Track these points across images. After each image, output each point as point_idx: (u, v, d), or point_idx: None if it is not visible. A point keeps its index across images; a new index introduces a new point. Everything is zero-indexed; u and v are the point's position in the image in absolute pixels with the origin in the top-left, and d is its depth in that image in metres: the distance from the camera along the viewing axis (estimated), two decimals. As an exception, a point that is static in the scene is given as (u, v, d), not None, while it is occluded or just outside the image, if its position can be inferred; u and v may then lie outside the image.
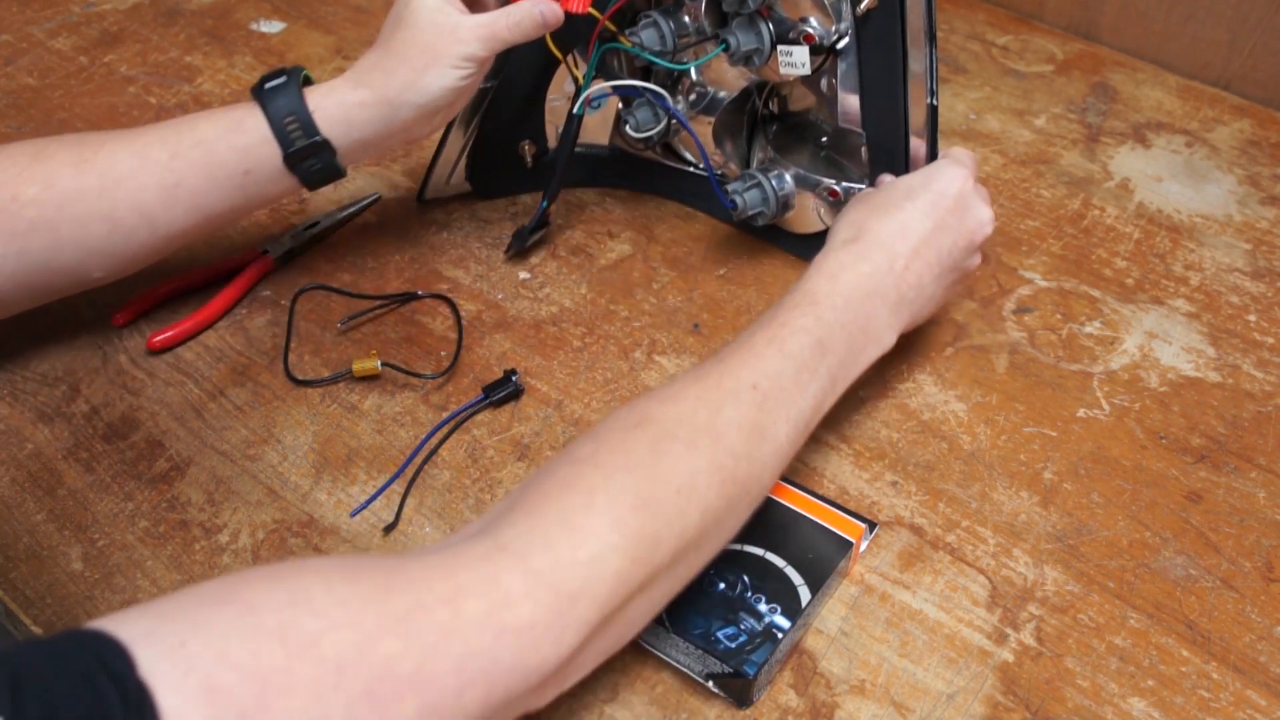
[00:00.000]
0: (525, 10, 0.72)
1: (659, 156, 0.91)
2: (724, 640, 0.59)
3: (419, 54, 0.71)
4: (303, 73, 0.73)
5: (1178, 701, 0.61)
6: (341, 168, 0.73)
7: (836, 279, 0.66)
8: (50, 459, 0.71)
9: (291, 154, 0.70)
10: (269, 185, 0.72)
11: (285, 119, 0.70)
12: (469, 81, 0.72)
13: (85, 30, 1.09)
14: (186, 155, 0.69)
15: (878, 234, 0.68)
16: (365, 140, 0.72)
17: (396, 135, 0.73)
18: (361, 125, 0.72)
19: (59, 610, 0.63)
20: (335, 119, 0.71)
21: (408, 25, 0.71)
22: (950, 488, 0.72)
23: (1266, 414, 0.77)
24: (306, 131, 0.70)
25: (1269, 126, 1.04)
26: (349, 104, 0.71)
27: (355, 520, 0.68)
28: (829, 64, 0.78)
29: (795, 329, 0.62)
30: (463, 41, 0.71)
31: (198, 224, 0.72)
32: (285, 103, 0.70)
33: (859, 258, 0.67)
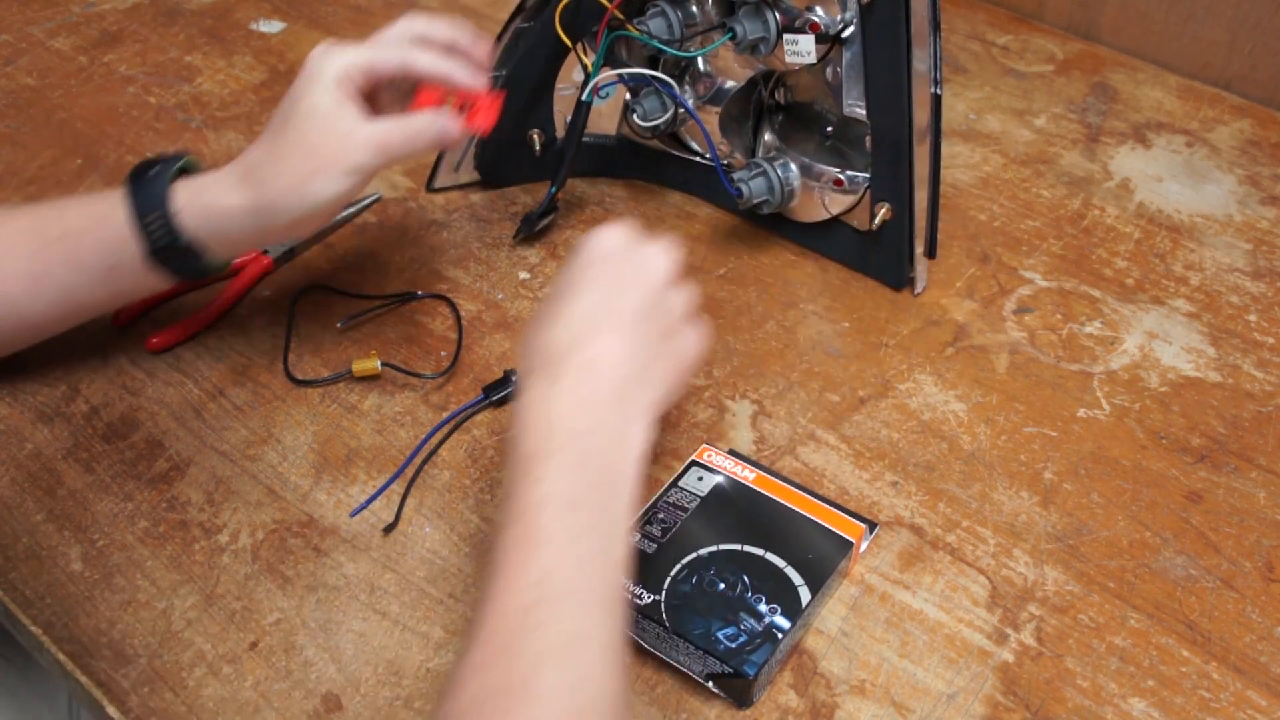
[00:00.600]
0: (424, 123, 0.68)
1: (666, 146, 0.92)
2: (724, 640, 0.59)
3: (305, 158, 0.65)
4: (180, 163, 0.68)
5: (1178, 702, 0.61)
6: (215, 265, 0.69)
7: (546, 418, 0.56)
8: (50, 459, 0.71)
9: (154, 252, 0.66)
10: (137, 280, 0.68)
11: (149, 216, 0.65)
12: (356, 193, 0.67)
13: (85, 30, 1.09)
14: (52, 247, 0.67)
15: (553, 341, 0.59)
16: (236, 241, 0.68)
17: (272, 237, 0.69)
18: (231, 229, 0.67)
19: (59, 610, 0.63)
20: (202, 220, 0.66)
21: (299, 123, 0.66)
22: (950, 488, 0.72)
23: (1266, 414, 0.77)
24: (169, 231, 0.66)
25: (1269, 126, 1.04)
26: (218, 207, 0.66)
27: (355, 520, 0.68)
28: (834, 53, 0.79)
29: (536, 506, 0.53)
30: (355, 149, 0.66)
31: (66, 315, 0.70)
32: (150, 199, 0.66)
33: (550, 380, 0.57)
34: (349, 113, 0.66)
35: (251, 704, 0.59)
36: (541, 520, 0.52)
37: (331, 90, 0.66)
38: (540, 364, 0.58)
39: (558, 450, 0.55)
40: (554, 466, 0.54)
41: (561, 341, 0.59)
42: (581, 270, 0.62)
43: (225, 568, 0.66)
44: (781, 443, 0.74)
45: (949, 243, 0.89)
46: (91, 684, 0.60)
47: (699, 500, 0.66)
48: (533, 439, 0.55)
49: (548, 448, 0.55)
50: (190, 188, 0.67)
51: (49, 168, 0.92)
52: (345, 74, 0.67)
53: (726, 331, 0.81)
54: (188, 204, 0.66)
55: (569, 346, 0.59)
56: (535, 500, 0.53)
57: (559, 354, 0.58)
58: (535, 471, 0.54)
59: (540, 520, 0.52)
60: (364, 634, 0.62)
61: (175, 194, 0.66)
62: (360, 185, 0.67)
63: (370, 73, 0.68)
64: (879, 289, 0.85)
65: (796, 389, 0.77)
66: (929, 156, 0.80)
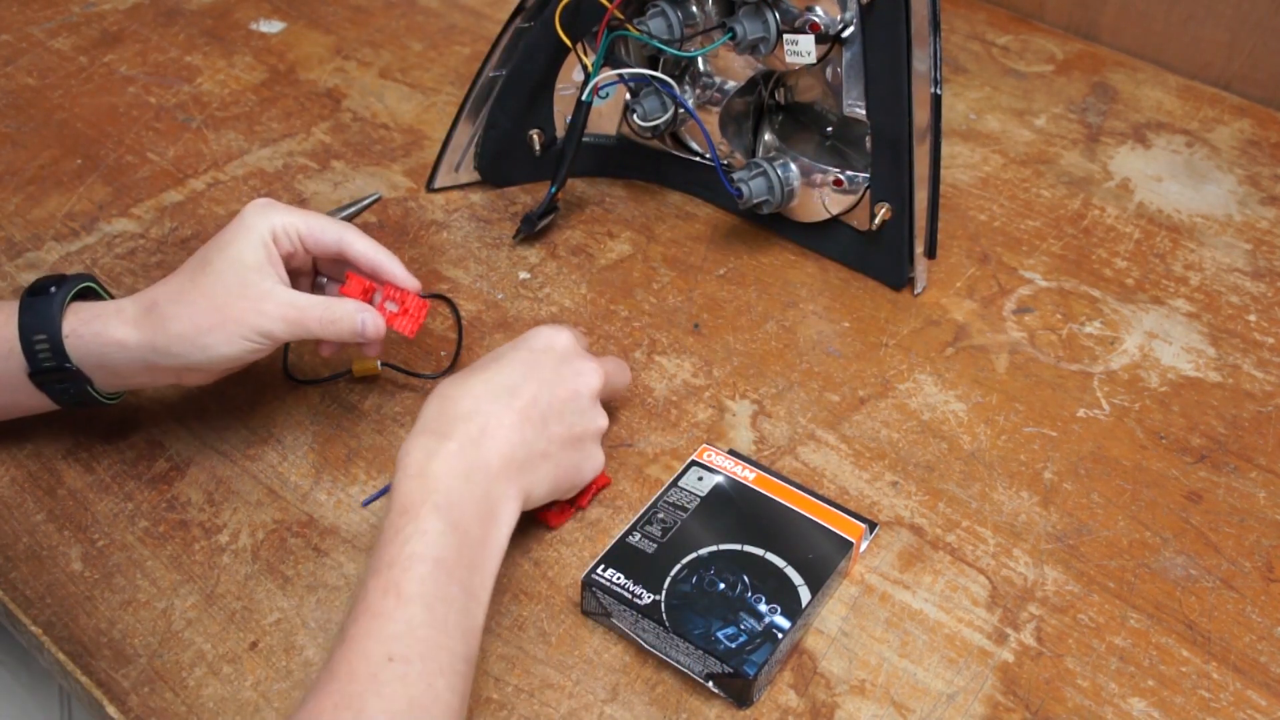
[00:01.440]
0: (347, 312, 0.65)
1: (666, 146, 0.92)
2: (724, 640, 0.59)
3: (212, 309, 0.62)
4: (79, 285, 0.65)
5: (1178, 701, 0.61)
6: (103, 397, 0.66)
7: (425, 474, 0.57)
8: (50, 459, 0.71)
9: (37, 374, 0.63)
10: (22, 397, 0.65)
11: (35, 336, 0.62)
12: (255, 356, 0.65)
13: (85, 30, 1.09)
14: None
15: (459, 404, 0.60)
16: (124, 375, 0.65)
17: (161, 378, 0.66)
18: (119, 363, 0.64)
19: (59, 610, 0.63)
20: (89, 351, 0.63)
21: (216, 270, 0.63)
22: (950, 488, 0.72)
23: (1266, 414, 0.77)
24: (56, 355, 0.63)
25: (1269, 126, 1.04)
26: (106, 339, 0.63)
27: (355, 520, 0.68)
28: (834, 53, 0.79)
29: (406, 561, 0.54)
30: (265, 315, 0.63)
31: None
32: (40, 319, 0.63)
33: (442, 437, 0.58)
34: (269, 276, 0.64)
35: (251, 704, 0.59)
36: (409, 577, 0.53)
37: (258, 247, 0.64)
38: (434, 420, 0.59)
39: (433, 510, 0.55)
40: (427, 525, 0.55)
41: (462, 406, 0.60)
42: (513, 351, 0.64)
43: (225, 568, 0.66)
44: (781, 443, 0.74)
45: (949, 243, 0.89)
46: (91, 684, 0.60)
47: (699, 500, 0.66)
48: (409, 491, 0.56)
49: (422, 505, 0.55)
50: (83, 313, 0.64)
51: (49, 168, 0.92)
52: (277, 234, 0.65)
53: (726, 331, 0.81)
54: (76, 330, 0.63)
55: (468, 412, 0.59)
56: (405, 555, 0.54)
57: (455, 416, 0.59)
58: (408, 527, 0.55)
59: (407, 577, 0.53)
60: (364, 634, 0.62)
61: (68, 317, 0.63)
62: (262, 352, 0.64)
63: (305, 239, 0.66)
64: (879, 289, 0.85)
65: (796, 389, 0.77)
66: (929, 156, 0.80)
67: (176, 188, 0.91)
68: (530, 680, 0.61)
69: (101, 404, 0.67)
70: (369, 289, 0.68)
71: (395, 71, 1.06)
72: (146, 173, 0.92)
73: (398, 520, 0.55)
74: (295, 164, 0.94)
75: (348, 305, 0.65)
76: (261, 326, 0.63)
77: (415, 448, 0.58)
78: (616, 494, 0.70)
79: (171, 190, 0.91)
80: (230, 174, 0.93)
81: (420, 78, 1.05)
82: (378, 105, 1.01)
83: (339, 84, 1.04)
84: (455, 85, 1.04)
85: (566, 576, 0.65)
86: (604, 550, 0.64)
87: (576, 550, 0.67)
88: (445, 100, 1.02)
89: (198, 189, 0.91)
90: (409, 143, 0.97)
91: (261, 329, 0.63)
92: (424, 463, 0.57)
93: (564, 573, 0.66)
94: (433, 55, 1.08)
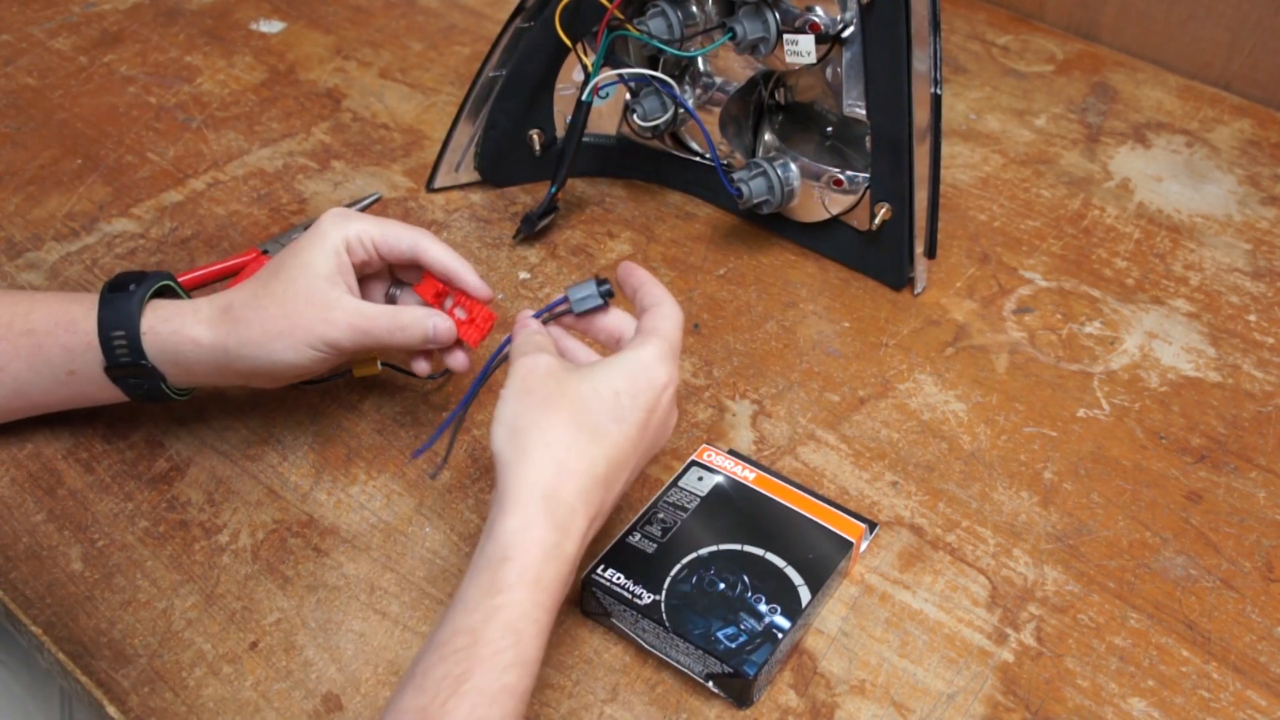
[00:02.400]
0: (416, 318, 0.65)
1: (666, 146, 0.92)
2: (724, 640, 0.59)
3: (279, 317, 0.63)
4: (160, 283, 0.66)
5: (1178, 701, 0.61)
6: (174, 393, 0.67)
7: (540, 582, 0.53)
8: (50, 459, 0.71)
9: (113, 367, 0.65)
10: (96, 389, 0.66)
11: (114, 333, 0.63)
12: (322, 366, 0.65)
13: (85, 30, 1.09)
14: (15, 342, 0.65)
15: (580, 487, 0.55)
16: (196, 374, 0.66)
17: (233, 380, 0.67)
18: (192, 361, 0.64)
19: (59, 610, 0.63)
20: (164, 348, 0.64)
21: (289, 277, 0.64)
22: (950, 488, 0.72)
23: (1266, 414, 0.77)
24: (133, 352, 0.64)
25: (1269, 126, 1.04)
26: (182, 338, 0.64)
27: (355, 520, 0.68)
28: (834, 53, 0.79)
29: (498, 696, 0.50)
30: (332, 325, 0.63)
31: (23, 408, 0.68)
32: (119, 315, 0.64)
33: (562, 534, 0.54)
34: (338, 285, 0.64)
35: (251, 704, 0.59)
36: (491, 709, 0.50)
37: (329, 256, 0.64)
38: (554, 495, 0.54)
39: (535, 624, 0.52)
40: (527, 649, 0.52)
41: (584, 486, 0.55)
42: (636, 407, 0.57)
43: (225, 568, 0.66)
44: (781, 443, 0.74)
45: (949, 243, 0.89)
46: (91, 684, 0.60)
47: (699, 500, 0.66)
48: (522, 603, 0.52)
49: (531, 617, 0.52)
50: (161, 311, 0.64)
51: (49, 168, 0.92)
52: (350, 243, 0.65)
53: (726, 331, 0.81)
54: (151, 329, 0.64)
55: (590, 497, 0.55)
56: (496, 686, 0.50)
57: (581, 501, 0.55)
58: (509, 645, 0.51)
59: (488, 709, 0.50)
60: (364, 634, 0.62)
61: (146, 315, 0.64)
62: (329, 362, 0.65)
63: (379, 247, 0.66)
64: (879, 289, 0.85)
65: (796, 389, 0.77)
66: (929, 156, 0.80)
67: (176, 188, 0.91)
68: (530, 680, 0.61)
69: (172, 399, 0.67)
70: (441, 292, 0.68)
71: (395, 71, 1.06)
72: (146, 173, 0.92)
73: (500, 636, 0.51)
74: (295, 164, 0.94)
75: (417, 312, 0.65)
76: (328, 336, 0.63)
77: (534, 534, 0.53)
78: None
79: (171, 190, 0.91)
80: (230, 174, 0.93)
81: (420, 78, 1.05)
82: (378, 105, 1.01)
83: (339, 84, 1.04)
84: (455, 85, 1.04)
85: (566, 576, 0.65)
86: (604, 550, 0.64)
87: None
88: (445, 100, 1.02)
89: (198, 189, 0.91)
90: (409, 143, 0.97)
91: (328, 338, 0.63)
92: (540, 567, 0.53)
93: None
94: (433, 55, 1.08)
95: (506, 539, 0.53)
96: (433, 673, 0.50)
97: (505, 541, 0.53)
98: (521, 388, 0.57)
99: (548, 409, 0.56)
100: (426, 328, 0.65)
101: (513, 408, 0.56)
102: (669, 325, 0.60)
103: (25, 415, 0.70)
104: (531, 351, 0.59)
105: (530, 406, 0.56)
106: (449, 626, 0.52)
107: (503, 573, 0.52)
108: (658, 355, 0.59)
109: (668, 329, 0.60)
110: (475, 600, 0.52)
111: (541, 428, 0.55)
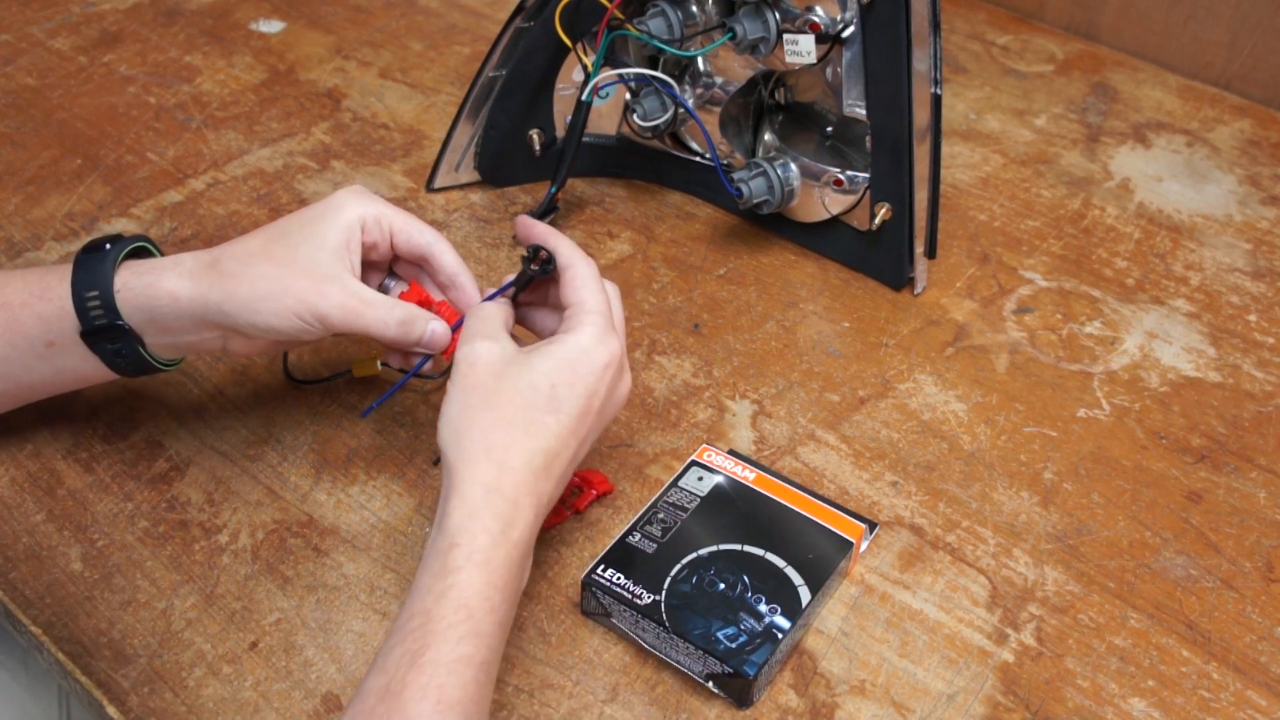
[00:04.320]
0: (417, 316, 0.63)
1: (666, 146, 0.92)
2: (724, 640, 0.59)
3: (272, 278, 0.60)
4: (134, 244, 0.64)
5: (1178, 702, 0.61)
6: (155, 360, 0.64)
7: (489, 564, 0.54)
8: (50, 459, 0.71)
9: (89, 332, 0.62)
10: (78, 363, 0.64)
11: (88, 293, 0.61)
12: (302, 338, 0.62)
13: (85, 30, 1.09)
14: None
15: (519, 481, 0.56)
16: (172, 333, 0.63)
17: (208, 342, 0.64)
18: (166, 317, 0.62)
19: (59, 610, 0.63)
20: (139, 305, 0.61)
21: (291, 243, 0.62)
22: (950, 488, 0.72)
23: (1266, 414, 0.77)
24: (108, 312, 0.61)
25: (1269, 126, 1.04)
26: (157, 290, 0.61)
27: (355, 520, 0.68)
28: (834, 53, 0.79)
29: (454, 666, 0.51)
30: (325, 298, 0.60)
31: (8, 390, 0.66)
32: (93, 276, 0.61)
33: (507, 523, 0.55)
34: (342, 262, 0.62)
35: (251, 704, 0.59)
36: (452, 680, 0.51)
37: (341, 230, 0.62)
38: (495, 487, 0.56)
39: (490, 610, 0.53)
40: (482, 624, 0.53)
41: (526, 479, 0.56)
42: (575, 395, 0.58)
43: (225, 568, 0.65)
44: (781, 443, 0.74)
45: (949, 243, 0.89)
46: (91, 684, 0.60)
47: (699, 500, 0.66)
48: (471, 583, 0.53)
49: (485, 603, 0.53)
50: (137, 268, 0.62)
51: (49, 168, 0.92)
52: (367, 222, 0.63)
53: (726, 331, 0.81)
54: (128, 283, 0.62)
55: (535, 487, 0.57)
56: (453, 659, 0.52)
57: (524, 491, 0.56)
58: (463, 628, 0.52)
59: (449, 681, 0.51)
60: (364, 634, 0.62)
61: (120, 273, 0.62)
62: (311, 334, 0.62)
63: (396, 235, 0.65)
64: (879, 289, 0.85)
65: (796, 389, 0.77)
66: (929, 156, 0.80)
67: (176, 188, 0.91)
68: (530, 680, 0.61)
69: (157, 369, 0.65)
70: (425, 302, 0.66)
71: (395, 71, 1.06)
72: (146, 173, 0.92)
73: (452, 613, 0.53)
74: (295, 164, 0.94)
75: (416, 310, 0.63)
76: (319, 308, 0.60)
77: (480, 523, 0.55)
78: (616, 494, 0.70)
79: (171, 190, 0.91)
80: (230, 174, 0.93)
81: (420, 78, 1.05)
82: (378, 105, 1.01)
83: (339, 84, 1.04)
84: (455, 85, 1.04)
85: (566, 576, 0.65)
86: (604, 550, 0.64)
87: (576, 550, 0.67)
88: (445, 100, 1.02)
89: (197, 189, 0.91)
90: (409, 143, 0.97)
91: (318, 310, 0.60)
92: (489, 551, 0.54)
93: (564, 573, 0.66)
94: (433, 55, 1.08)
95: (453, 529, 0.55)
96: (392, 654, 0.52)
97: (452, 531, 0.55)
98: (462, 384, 0.58)
99: (486, 408, 0.57)
100: (424, 330, 0.63)
101: (455, 407, 0.58)
102: (590, 294, 0.61)
103: (14, 402, 0.68)
104: (472, 337, 0.60)
105: (470, 406, 0.57)
106: (405, 612, 0.53)
107: (451, 557, 0.54)
108: (595, 336, 0.59)
109: (594, 301, 0.60)
110: (427, 585, 0.54)
111: (481, 427, 0.57)
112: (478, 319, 0.61)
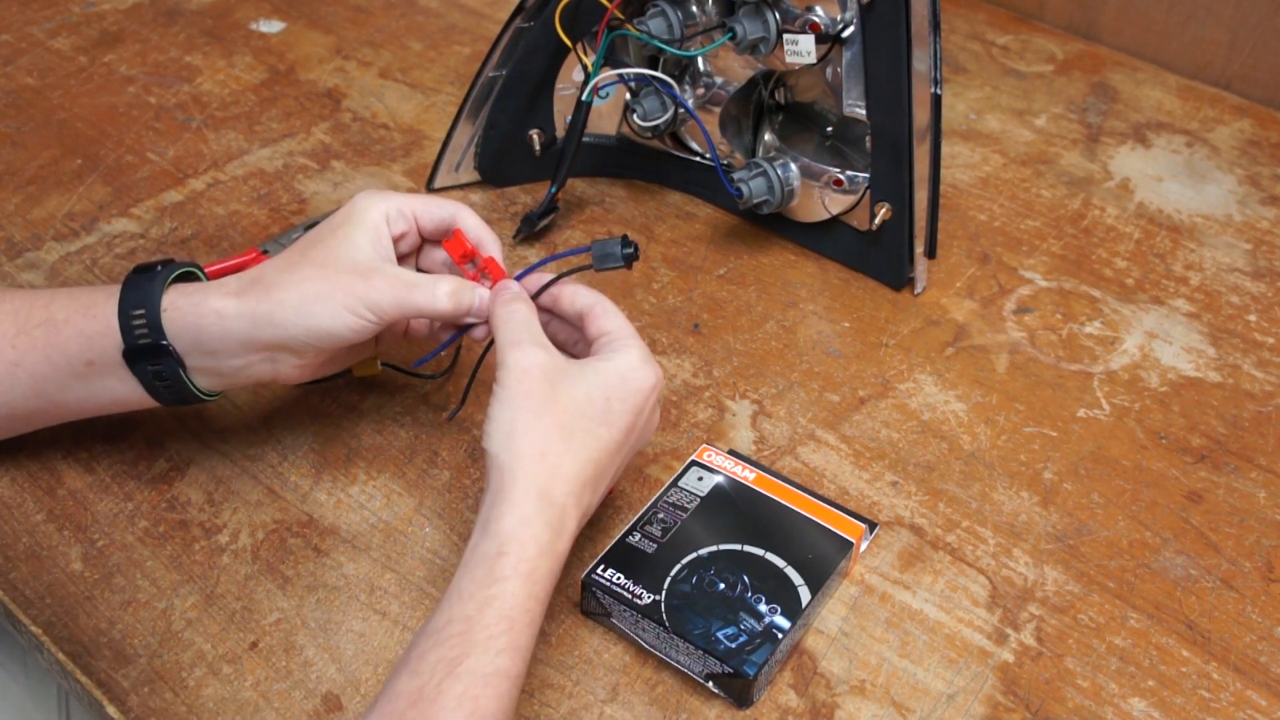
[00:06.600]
0: (463, 287, 0.63)
1: (666, 146, 0.92)
2: (724, 640, 0.59)
3: (319, 278, 0.61)
4: (185, 268, 0.64)
5: (1178, 702, 0.61)
6: (194, 388, 0.63)
7: (534, 575, 0.54)
8: (50, 459, 0.71)
9: (131, 351, 0.61)
10: (116, 384, 0.63)
11: (134, 311, 0.61)
12: (361, 335, 0.62)
13: (85, 30, 1.09)
14: (31, 334, 0.62)
15: (570, 489, 0.57)
16: (218, 356, 0.62)
17: (256, 367, 0.63)
18: (212, 338, 0.61)
19: (59, 610, 0.63)
20: (185, 325, 0.61)
21: (328, 246, 0.62)
22: (950, 488, 0.72)
23: (1266, 414, 0.77)
24: (152, 331, 0.61)
25: (1269, 126, 1.04)
26: (204, 309, 0.61)
27: (355, 520, 0.68)
28: (834, 53, 0.79)
29: (491, 679, 0.51)
30: (374, 288, 0.61)
31: (44, 409, 0.65)
32: (141, 294, 0.61)
33: (555, 533, 0.56)
34: (381, 251, 0.63)
35: (251, 704, 0.59)
36: (488, 695, 0.51)
37: (369, 230, 0.63)
38: (546, 492, 0.56)
39: (530, 620, 0.54)
40: (520, 637, 0.53)
41: (574, 489, 0.57)
42: (626, 410, 0.60)
43: (225, 568, 0.65)
44: (781, 443, 0.74)
45: (949, 243, 0.90)
46: (91, 684, 0.60)
47: (699, 500, 0.66)
48: (516, 593, 0.54)
49: (525, 612, 0.54)
50: (184, 289, 0.62)
51: (49, 168, 0.92)
52: (390, 216, 0.64)
53: (726, 331, 0.81)
54: (172, 304, 0.61)
55: (579, 497, 0.58)
56: (491, 673, 0.52)
57: (570, 499, 0.57)
58: (502, 637, 0.52)
59: (486, 695, 0.51)
60: (364, 634, 0.62)
61: (168, 293, 0.62)
62: (367, 331, 0.62)
63: (419, 216, 0.65)
64: (879, 289, 0.85)
65: (796, 389, 0.77)
66: (929, 156, 0.80)
67: (176, 188, 0.91)
68: (530, 680, 0.61)
69: (197, 398, 0.64)
70: (469, 253, 0.66)
71: (395, 71, 1.06)
72: (146, 173, 0.92)
73: (495, 623, 0.53)
74: (295, 164, 0.94)
75: (461, 281, 0.63)
76: (369, 298, 0.60)
77: (529, 530, 0.55)
78: (616, 494, 0.70)
79: (171, 190, 0.91)
80: (230, 174, 0.93)
81: (420, 78, 1.05)
82: (378, 105, 1.01)
83: (339, 84, 1.04)
84: (455, 85, 1.04)
85: (566, 576, 0.65)
86: (604, 550, 0.64)
87: (576, 550, 0.67)
88: (445, 100, 1.02)
89: (198, 189, 0.91)
90: (409, 143, 0.97)
91: (369, 300, 0.60)
92: (535, 561, 0.55)
93: (564, 573, 0.65)
94: (433, 55, 1.08)
95: (504, 535, 0.55)
96: (428, 657, 0.51)
97: (502, 537, 0.55)
98: (516, 390, 0.58)
99: (542, 415, 0.58)
100: (472, 299, 0.63)
101: (509, 412, 0.58)
102: (623, 322, 0.63)
103: (46, 421, 0.67)
104: (522, 343, 0.60)
105: (525, 411, 0.58)
106: (444, 615, 0.53)
107: (499, 565, 0.54)
108: (642, 358, 0.61)
109: (630, 328, 0.63)
110: (470, 590, 0.53)
111: (537, 432, 0.57)
112: (521, 324, 0.61)
